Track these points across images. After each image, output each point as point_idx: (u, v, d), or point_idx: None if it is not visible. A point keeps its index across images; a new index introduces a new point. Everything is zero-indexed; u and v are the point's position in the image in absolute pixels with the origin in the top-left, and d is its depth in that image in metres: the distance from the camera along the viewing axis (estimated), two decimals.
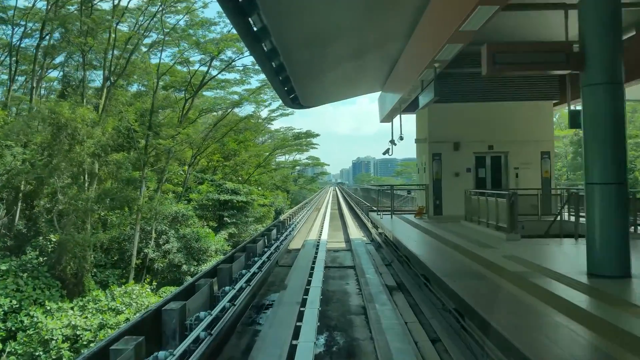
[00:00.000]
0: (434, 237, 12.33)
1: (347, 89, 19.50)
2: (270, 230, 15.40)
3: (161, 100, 44.44)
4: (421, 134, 17.53)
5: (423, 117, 17.54)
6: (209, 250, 35.96)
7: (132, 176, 33.52)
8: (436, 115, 16.71)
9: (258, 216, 50.00)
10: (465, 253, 9.75)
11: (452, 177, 16.61)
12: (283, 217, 22.22)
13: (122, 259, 35.78)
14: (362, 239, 20.36)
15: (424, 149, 17.39)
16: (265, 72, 13.35)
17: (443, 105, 16.61)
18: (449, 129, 16.69)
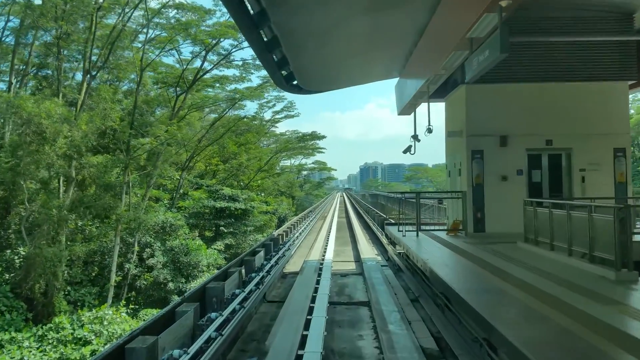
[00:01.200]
0: (488, 270, 8.16)
1: (358, 73, 15.38)
2: (254, 254, 11.34)
3: (153, 98, 40.65)
4: (454, 126, 13.38)
5: (457, 103, 13.41)
6: (199, 264, 31.88)
7: (110, 181, 29.53)
8: (476, 101, 12.57)
9: (259, 225, 45.94)
10: (557, 306, 5.61)
11: (498, 181, 12.45)
12: (278, 232, 18.06)
13: (102, 274, 31.78)
14: (375, 259, 16.24)
15: (458, 146, 13.25)
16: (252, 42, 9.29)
17: (486, 87, 12.50)
18: (494, 118, 12.54)
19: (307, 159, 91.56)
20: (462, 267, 8.72)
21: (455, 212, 13.47)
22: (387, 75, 17.67)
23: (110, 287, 30.43)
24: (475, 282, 7.52)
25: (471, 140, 12.47)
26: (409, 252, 10.77)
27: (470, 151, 12.45)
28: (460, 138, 12.88)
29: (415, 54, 12.88)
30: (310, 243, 22.55)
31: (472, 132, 12.47)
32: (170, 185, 45.14)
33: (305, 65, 11.78)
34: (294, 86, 12.86)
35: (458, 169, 13.23)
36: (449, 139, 13.88)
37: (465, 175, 12.60)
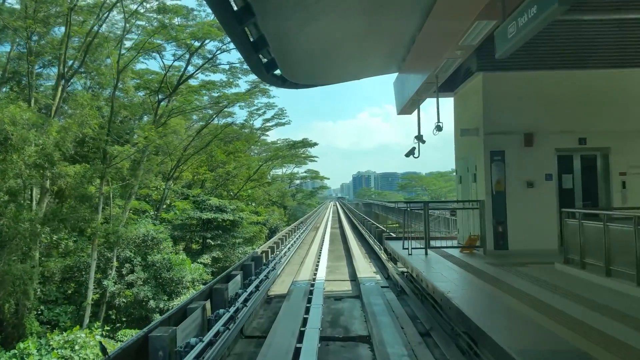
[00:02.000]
0: (526, 303, 6.11)
1: (351, 64, 13.35)
2: (229, 279, 9.21)
3: (136, 105, 38.42)
4: (468, 122, 11.37)
5: (471, 95, 11.42)
6: (183, 280, 29.54)
7: (85, 192, 27.24)
8: (496, 91, 10.58)
9: (248, 236, 43.67)
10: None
11: (523, 188, 10.43)
12: (262, 249, 15.89)
13: (80, 292, 29.38)
14: (374, 279, 14.19)
15: (472, 146, 11.23)
16: (217, 11, 7.25)
17: (507, 76, 10.54)
18: (517, 112, 10.57)
19: (299, 168, 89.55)
20: (489, 298, 6.67)
21: (468, 225, 11.42)
22: (384, 70, 15.67)
23: (87, 305, 28.05)
24: (511, 320, 5.48)
25: (490, 139, 10.45)
26: (418, 275, 8.69)
27: (488, 152, 10.43)
28: (476, 137, 10.87)
29: (419, 40, 10.91)
30: (301, 258, 20.44)
31: (490, 130, 10.46)
32: (156, 196, 42.84)
33: (288, 48, 9.76)
34: (276, 77, 10.81)
35: (473, 173, 11.21)
36: (461, 138, 11.88)
37: (482, 181, 10.57)
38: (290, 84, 11.46)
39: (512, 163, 10.43)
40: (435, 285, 7.29)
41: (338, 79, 14.17)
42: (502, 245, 10.36)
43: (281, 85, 11.24)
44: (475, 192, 11.07)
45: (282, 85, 11.25)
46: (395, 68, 15.04)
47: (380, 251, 18.89)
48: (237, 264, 11.08)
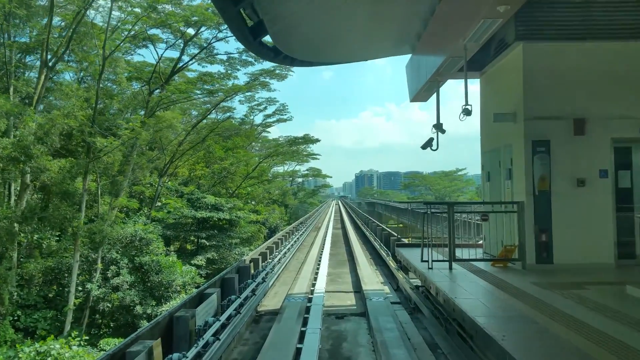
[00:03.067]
0: (605, 347, 4.02)
1: (358, 41, 11.25)
2: (201, 299, 7.16)
3: (130, 97, 36.34)
4: (501, 106, 9.24)
5: (507, 73, 9.32)
6: (173, 284, 27.49)
7: (68, 189, 25.18)
8: (540, 66, 8.46)
9: (245, 237, 41.60)
10: None
11: (572, 187, 8.33)
12: (252, 257, 13.74)
13: (62, 295, 27.39)
14: (382, 292, 12.15)
15: (507, 135, 9.13)
16: None
17: (554, 48, 8.44)
18: (566, 92, 8.46)
19: (301, 166, 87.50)
20: (548, 338, 4.58)
21: (500, 232, 9.32)
22: (396, 51, 13.57)
23: (69, 310, 26.08)
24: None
25: (532, 125, 8.34)
26: (447, 300, 6.60)
27: (530, 142, 8.32)
28: (513, 124, 8.76)
29: (434, 20, 8.83)
30: (299, 263, 18.38)
31: (533, 114, 8.34)
32: (149, 193, 40.81)
33: (281, 6, 7.69)
34: (266, 47, 8.72)
35: (507, 169, 9.09)
36: (490, 127, 9.79)
37: (521, 178, 8.46)
38: (285, 58, 9.38)
39: (559, 156, 8.33)
40: (475, 320, 5.21)
41: (343, 56, 12.06)
42: (546, 257, 8.27)
43: (273, 59, 9.17)
44: (510, 191, 8.96)
45: (274, 58, 9.17)
46: (408, 48, 12.93)
47: (388, 257, 16.81)
48: (216, 277, 8.99)
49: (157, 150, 41.90)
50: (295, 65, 10.27)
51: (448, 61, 9.38)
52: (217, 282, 8.58)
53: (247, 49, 11.45)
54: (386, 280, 14.49)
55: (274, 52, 9.01)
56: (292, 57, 9.54)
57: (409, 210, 15.22)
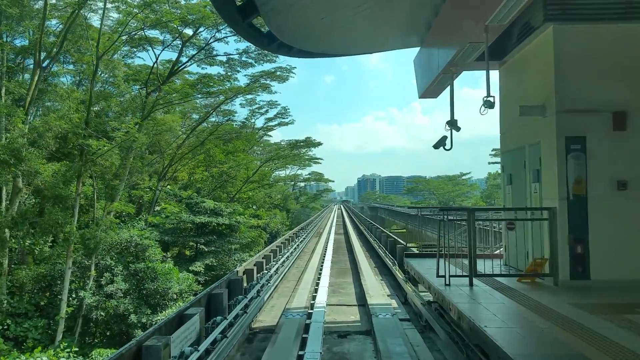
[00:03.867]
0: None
1: (362, 30, 10.16)
2: (182, 320, 6.06)
3: (128, 101, 35.37)
4: (526, 98, 8.13)
5: (533, 61, 8.22)
6: (169, 292, 26.38)
7: (60, 193, 24.15)
8: (574, 52, 7.35)
9: (245, 242, 40.51)
10: None
11: (612, 190, 7.20)
12: (246, 267, 12.56)
13: (54, 303, 26.32)
14: (389, 306, 11.01)
15: (536, 131, 8.01)
16: None
17: (590, 30, 7.33)
18: (605, 82, 7.34)
19: (303, 170, 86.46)
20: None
21: (524, 242, 8.19)
22: (403, 43, 12.51)
23: (60, 319, 25.02)
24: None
25: (565, 119, 7.22)
26: (472, 326, 5.49)
27: (562, 139, 7.20)
28: (541, 118, 7.64)
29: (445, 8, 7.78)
30: (299, 272, 17.27)
31: (566, 106, 7.23)
32: (148, 198, 39.81)
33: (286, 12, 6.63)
34: (259, 32, 7.64)
35: (534, 169, 7.95)
36: (512, 122, 8.69)
37: (553, 180, 7.33)
38: (281, 46, 8.29)
39: (597, 154, 7.21)
40: (505, 351, 4.11)
41: (345, 47, 10.95)
42: (582, 273, 7.14)
43: (266, 46, 8.09)
44: (538, 196, 7.83)
45: (268, 46, 8.09)
46: (417, 40, 11.86)
47: (394, 267, 15.68)
48: (201, 293, 7.87)
49: (156, 154, 40.97)
50: (293, 56, 9.19)
51: (465, 48, 8.28)
52: (202, 299, 7.45)
53: (236, 32, 10.33)
54: (393, 292, 13.36)
55: (268, 38, 7.93)
56: (288, 45, 8.46)
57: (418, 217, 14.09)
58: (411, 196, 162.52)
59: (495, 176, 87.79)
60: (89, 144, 23.61)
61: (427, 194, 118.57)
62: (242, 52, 34.24)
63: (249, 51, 34.26)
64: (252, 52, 34.48)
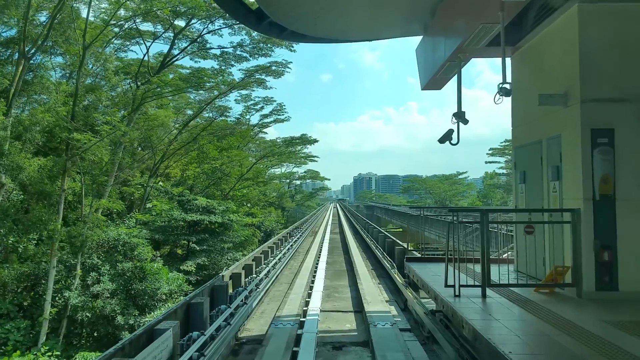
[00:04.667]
0: None
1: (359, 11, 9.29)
2: (150, 337, 5.20)
3: (120, 95, 34.31)
4: (547, 86, 7.26)
5: (553, 45, 7.36)
6: (158, 292, 25.43)
7: (44, 189, 23.15)
8: (602, 34, 6.49)
9: (239, 241, 39.51)
10: None
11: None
12: (233, 271, 11.63)
13: (38, 304, 25.33)
14: (389, 315, 10.23)
15: (555, 122, 7.16)
16: None
17: (619, 9, 6.48)
18: (634, 68, 6.48)
19: (299, 168, 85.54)
20: None
21: (538, 246, 7.34)
22: (407, 28, 11.63)
23: (44, 320, 24.02)
24: None
25: (591, 109, 6.36)
26: (492, 350, 4.63)
27: (588, 131, 6.36)
28: (562, 108, 6.80)
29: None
30: (292, 274, 16.40)
31: (592, 95, 6.37)
32: (139, 194, 38.81)
33: None
34: (247, 9, 6.76)
35: (554, 166, 7.10)
36: (529, 112, 7.85)
37: (576, 178, 6.49)
38: (271, 26, 7.40)
39: (626, 149, 6.35)
40: None
41: (342, 31, 10.04)
42: (609, 283, 6.29)
43: (256, 26, 7.21)
44: (558, 196, 6.97)
45: (258, 25, 7.20)
46: (419, 27, 11.00)
47: (393, 270, 14.83)
48: (179, 303, 6.97)
49: (147, 150, 39.98)
50: (284, 38, 8.36)
51: (476, 31, 7.42)
52: (178, 310, 6.56)
53: (220, 6, 9.43)
54: (392, 297, 12.52)
55: (256, 16, 7.04)
56: (280, 25, 7.57)
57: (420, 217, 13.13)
58: (407, 195, 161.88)
59: (492, 176, 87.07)
60: (73, 138, 22.58)
61: (423, 193, 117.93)
62: (237, 45, 33.28)
63: (244, 44, 33.31)
64: (246, 45, 33.53)
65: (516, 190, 8.57)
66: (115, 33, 34.48)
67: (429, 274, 8.34)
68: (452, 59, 8.89)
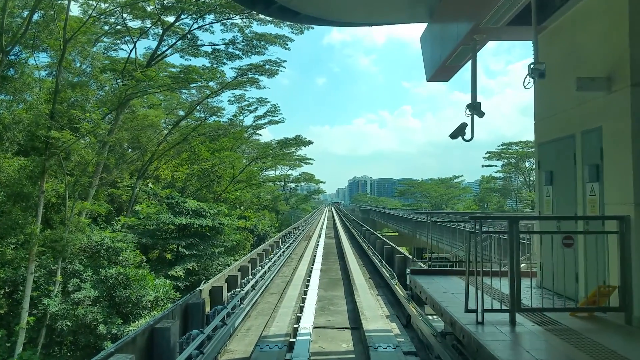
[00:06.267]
0: None
1: None
2: None
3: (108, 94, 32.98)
4: (583, 69, 6.09)
5: (590, 21, 6.18)
6: (142, 300, 24.08)
7: (21, 190, 21.80)
8: None
9: (230, 245, 38.21)
10: None
11: None
12: (210, 285, 10.35)
13: (14, 312, 23.95)
14: (389, 333, 9.07)
15: (592, 114, 5.99)
16: None
17: None
18: None
19: (294, 170, 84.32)
20: None
21: (568, 259, 6.17)
22: (410, 17, 10.49)
23: (21, 330, 22.65)
24: None
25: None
26: None
27: (638, 122, 5.20)
28: (604, 94, 5.64)
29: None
30: (284, 284, 15.18)
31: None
32: (126, 197, 37.44)
33: None
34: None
35: (592, 165, 5.93)
36: (557, 101, 6.69)
37: (623, 178, 5.32)
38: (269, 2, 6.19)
39: None
40: None
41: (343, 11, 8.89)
42: None
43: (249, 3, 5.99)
44: (597, 200, 5.80)
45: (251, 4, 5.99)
46: (424, 12, 9.86)
47: (393, 280, 13.65)
48: (141, 327, 5.73)
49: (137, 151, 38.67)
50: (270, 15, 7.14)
51: (499, 4, 6.26)
52: (137, 338, 5.31)
53: None
54: (392, 312, 11.33)
55: None
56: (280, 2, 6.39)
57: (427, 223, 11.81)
58: (403, 199, 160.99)
59: (489, 179, 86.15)
60: (50, 136, 21.26)
61: (419, 197, 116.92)
62: (229, 42, 32.04)
63: (236, 41, 32.09)
64: (239, 42, 32.32)
65: (540, 193, 7.38)
66: (104, 31, 33.32)
67: (440, 290, 7.14)
68: (466, 42, 7.72)
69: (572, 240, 5.52)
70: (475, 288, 5.25)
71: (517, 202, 76.07)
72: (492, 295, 5.66)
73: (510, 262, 5.11)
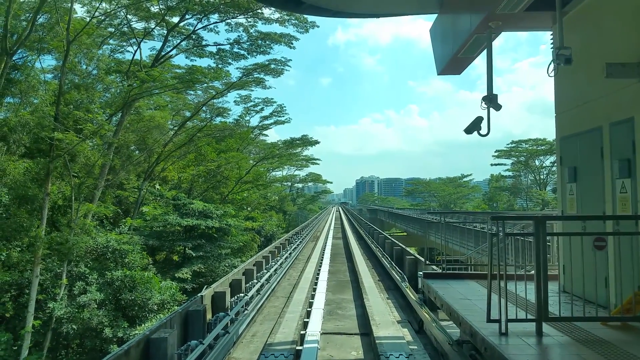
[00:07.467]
0: None
1: None
2: None
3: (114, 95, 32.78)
4: (611, 55, 5.61)
5: (621, 4, 5.69)
6: (149, 303, 23.77)
7: (25, 193, 21.57)
8: None
9: (237, 246, 37.86)
10: None
11: None
12: (212, 290, 9.86)
13: (21, 315, 23.73)
14: (401, 340, 8.62)
15: (621, 103, 5.50)
16: None
17: None
18: None
19: (301, 171, 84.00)
20: None
21: (599, 262, 5.70)
22: (419, 8, 10.05)
23: (26, 333, 22.42)
24: None
25: None
26: None
27: None
28: (636, 82, 5.16)
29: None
30: (290, 287, 14.76)
31: None
32: (133, 199, 37.24)
33: None
34: None
35: (622, 159, 5.43)
36: (580, 91, 6.22)
37: None
38: None
39: None
40: None
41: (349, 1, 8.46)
42: None
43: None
44: (630, 197, 5.33)
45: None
46: (433, 7, 9.41)
47: (404, 283, 13.18)
48: (136, 337, 5.33)
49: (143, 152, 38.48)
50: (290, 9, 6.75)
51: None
52: (131, 350, 4.92)
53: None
54: (404, 317, 10.85)
55: None
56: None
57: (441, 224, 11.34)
58: (410, 198, 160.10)
59: (498, 178, 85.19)
60: (54, 137, 21.02)
61: (427, 196, 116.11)
62: (234, 42, 31.72)
63: (241, 41, 31.76)
64: (244, 42, 32.00)
65: (563, 191, 6.90)
66: (110, 33, 33.12)
67: (456, 296, 6.68)
68: (480, 31, 7.25)
69: (605, 242, 5.04)
70: (497, 295, 4.79)
71: (527, 201, 75.12)
72: (516, 303, 5.19)
73: (537, 266, 4.64)
